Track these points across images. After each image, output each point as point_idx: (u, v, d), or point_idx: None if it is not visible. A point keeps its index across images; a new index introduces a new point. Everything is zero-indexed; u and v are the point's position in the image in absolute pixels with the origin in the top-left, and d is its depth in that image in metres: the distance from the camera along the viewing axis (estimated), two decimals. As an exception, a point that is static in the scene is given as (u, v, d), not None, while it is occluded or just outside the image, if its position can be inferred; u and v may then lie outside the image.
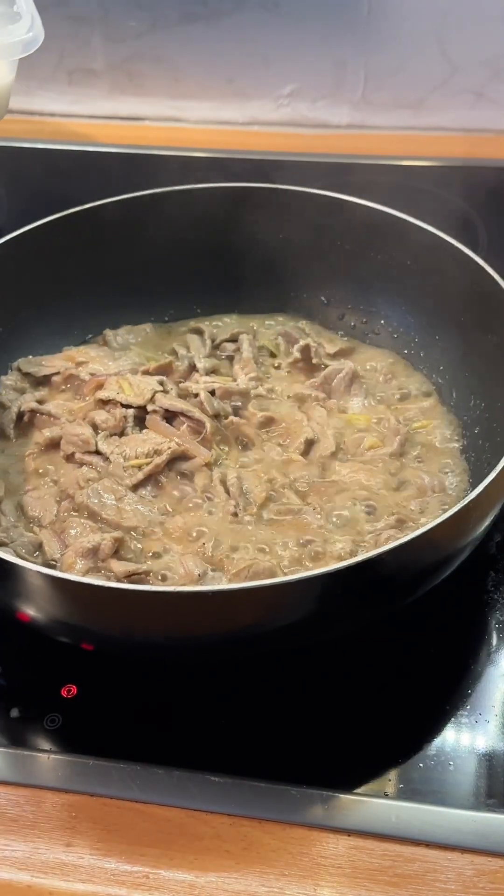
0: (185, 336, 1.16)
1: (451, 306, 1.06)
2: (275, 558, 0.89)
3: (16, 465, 1.02)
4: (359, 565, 0.72)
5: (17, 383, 1.09)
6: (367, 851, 0.75)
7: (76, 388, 1.08)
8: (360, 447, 1.00)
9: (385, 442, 1.01)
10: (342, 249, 1.15)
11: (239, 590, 0.72)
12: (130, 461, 0.98)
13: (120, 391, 1.04)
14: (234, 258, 1.18)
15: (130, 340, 1.16)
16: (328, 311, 1.19)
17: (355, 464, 0.99)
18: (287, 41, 1.54)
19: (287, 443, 1.01)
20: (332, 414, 1.05)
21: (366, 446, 1.00)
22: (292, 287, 1.19)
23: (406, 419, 1.04)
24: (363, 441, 1.01)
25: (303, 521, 0.93)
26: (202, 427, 1.00)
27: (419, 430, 1.03)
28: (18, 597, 0.78)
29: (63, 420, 1.03)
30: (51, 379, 1.09)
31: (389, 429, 1.02)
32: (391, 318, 1.15)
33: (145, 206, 1.14)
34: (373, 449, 1.00)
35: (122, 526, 0.92)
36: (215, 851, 0.75)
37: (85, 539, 0.89)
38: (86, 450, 0.99)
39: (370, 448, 1.00)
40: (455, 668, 0.88)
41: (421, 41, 1.50)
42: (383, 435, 1.02)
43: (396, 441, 1.00)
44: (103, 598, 0.72)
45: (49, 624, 0.81)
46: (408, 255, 1.10)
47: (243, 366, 1.10)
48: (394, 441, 1.00)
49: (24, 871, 0.75)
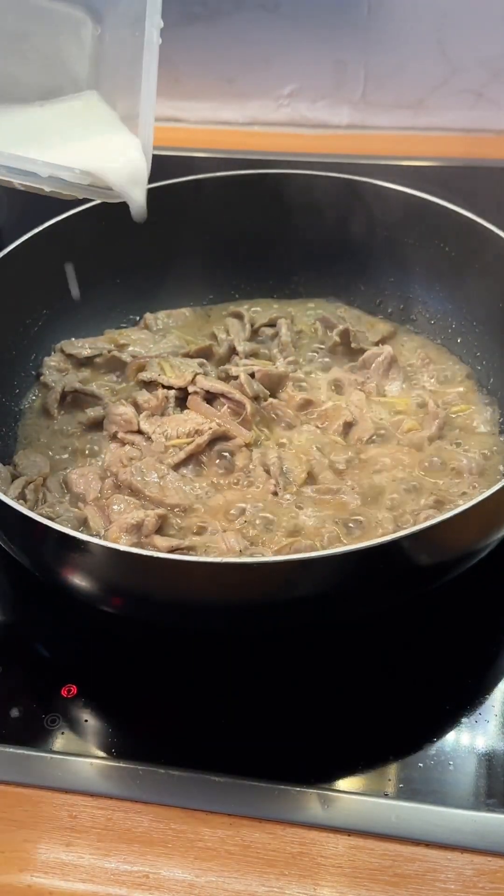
0: (225, 320, 1.19)
1: (489, 293, 1.08)
2: (315, 537, 0.91)
3: (60, 443, 1.05)
4: (397, 541, 0.73)
5: (60, 364, 1.12)
6: (367, 851, 0.75)
7: (118, 369, 1.12)
8: (400, 430, 1.02)
9: (423, 425, 1.03)
10: (379, 236, 1.17)
11: (282, 562, 0.74)
12: (172, 441, 1.00)
13: (161, 373, 1.07)
14: (271, 244, 1.21)
15: (170, 324, 1.19)
16: (366, 297, 1.21)
17: (394, 446, 1.01)
18: (287, 41, 1.53)
19: (325, 425, 1.04)
20: (370, 397, 1.07)
21: (405, 429, 1.02)
22: (330, 273, 1.21)
23: (445, 402, 1.06)
24: (402, 424, 1.03)
25: (342, 501, 0.95)
26: (242, 408, 1.02)
27: (458, 414, 1.05)
28: (67, 566, 0.81)
29: (106, 400, 1.07)
30: (93, 360, 1.13)
31: (428, 412, 1.03)
32: (428, 304, 1.17)
33: (185, 193, 1.16)
34: (412, 431, 1.02)
35: (165, 503, 0.94)
36: (215, 851, 0.75)
37: (129, 515, 0.91)
38: (128, 429, 1.02)
39: (409, 431, 1.02)
40: (455, 667, 0.88)
41: (421, 41, 1.50)
42: (422, 418, 1.04)
43: (435, 424, 1.02)
44: (154, 567, 0.75)
45: (98, 593, 0.84)
46: (445, 241, 1.12)
47: (282, 349, 1.13)
48: (432, 424, 1.02)
49: (24, 871, 0.75)
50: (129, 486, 0.96)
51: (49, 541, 0.78)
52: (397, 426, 1.03)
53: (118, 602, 0.85)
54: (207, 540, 0.91)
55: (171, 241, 1.19)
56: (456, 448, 1.01)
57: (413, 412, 1.05)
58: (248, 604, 0.78)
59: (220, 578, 0.74)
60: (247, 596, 0.77)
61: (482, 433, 1.03)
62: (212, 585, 0.75)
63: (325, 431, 1.03)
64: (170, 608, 0.81)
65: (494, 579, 0.93)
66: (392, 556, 0.75)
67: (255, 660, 0.87)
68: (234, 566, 0.74)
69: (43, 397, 1.09)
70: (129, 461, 0.99)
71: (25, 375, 1.12)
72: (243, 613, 0.79)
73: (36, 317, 1.13)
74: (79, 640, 0.91)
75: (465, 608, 0.92)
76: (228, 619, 0.81)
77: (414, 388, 1.09)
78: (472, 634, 0.91)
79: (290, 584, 0.75)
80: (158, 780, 0.79)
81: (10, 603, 0.97)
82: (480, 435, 1.03)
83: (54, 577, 0.86)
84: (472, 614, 0.92)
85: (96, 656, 0.89)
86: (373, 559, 0.74)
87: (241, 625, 0.83)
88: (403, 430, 1.02)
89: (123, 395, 1.07)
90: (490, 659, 0.89)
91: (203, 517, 0.94)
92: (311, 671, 0.87)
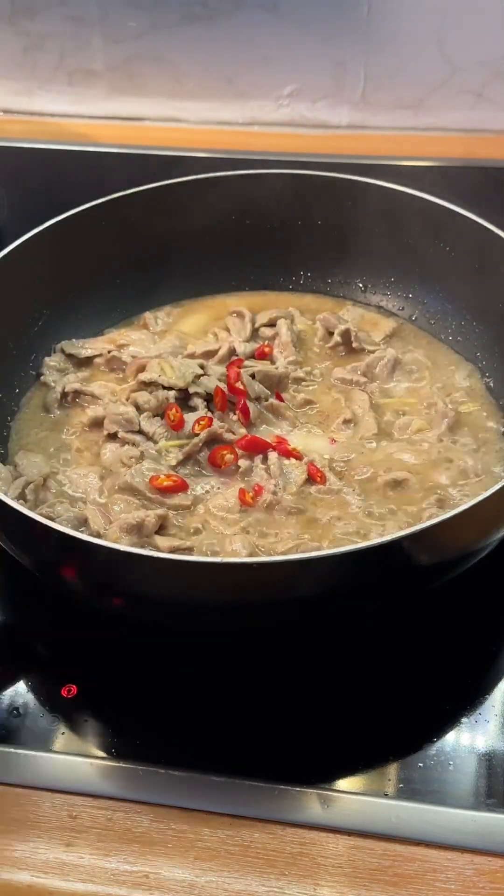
0: (226, 320, 1.19)
1: (489, 292, 1.08)
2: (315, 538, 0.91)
3: (60, 443, 1.05)
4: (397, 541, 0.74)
5: (60, 364, 1.13)
6: (366, 851, 0.75)
7: (118, 369, 1.12)
8: (409, 430, 1.03)
9: (433, 424, 1.03)
10: (379, 236, 1.17)
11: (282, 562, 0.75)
12: (171, 441, 1.01)
13: (162, 373, 1.06)
14: (271, 245, 1.21)
15: (170, 322, 1.19)
16: (366, 296, 1.21)
17: (400, 444, 1.01)
18: (287, 41, 1.53)
19: (326, 424, 1.04)
20: (376, 398, 1.07)
21: (413, 429, 1.03)
22: (330, 273, 1.22)
23: (453, 402, 1.06)
24: (411, 424, 1.03)
25: (343, 501, 0.95)
26: (243, 409, 1.02)
27: (466, 414, 1.05)
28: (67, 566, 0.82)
29: (106, 400, 1.07)
30: (93, 360, 1.13)
31: (437, 412, 1.03)
32: (428, 304, 1.17)
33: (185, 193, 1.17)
34: (420, 432, 1.02)
35: (165, 503, 0.94)
36: (215, 851, 0.75)
37: (129, 515, 0.91)
38: (129, 429, 1.02)
39: (418, 431, 1.02)
40: (455, 667, 0.88)
41: (421, 41, 1.50)
42: (431, 418, 1.04)
43: (444, 424, 1.02)
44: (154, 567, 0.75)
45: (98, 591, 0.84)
46: (445, 241, 1.12)
47: (282, 349, 1.13)
48: (441, 424, 1.02)
49: (24, 871, 0.75)
50: (130, 486, 0.96)
51: (49, 541, 0.78)
52: (406, 426, 1.03)
53: (118, 602, 0.85)
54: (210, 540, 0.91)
55: (171, 240, 1.19)
56: (464, 448, 1.01)
57: (422, 412, 1.05)
58: (248, 604, 0.78)
59: (220, 578, 0.74)
60: (247, 596, 0.77)
61: (489, 433, 1.03)
62: (212, 585, 0.75)
63: (325, 430, 1.03)
64: (170, 608, 0.81)
65: (494, 579, 0.93)
66: (392, 556, 0.75)
67: (255, 659, 0.87)
68: (234, 566, 0.74)
69: (43, 397, 1.09)
70: (129, 461, 0.99)
71: (25, 375, 1.12)
72: (243, 613, 0.79)
73: (36, 317, 1.13)
74: (79, 640, 0.91)
75: (466, 608, 0.92)
76: (228, 619, 0.81)
77: (419, 389, 1.09)
78: (472, 634, 0.91)
79: (290, 584, 0.75)
80: (158, 780, 0.79)
81: (10, 603, 0.97)
82: (487, 434, 1.03)
83: (54, 577, 0.86)
84: (472, 614, 0.92)
85: (96, 656, 0.89)
86: (373, 559, 0.74)
87: (242, 625, 0.83)
88: (413, 431, 1.02)
89: (123, 395, 1.07)
90: (490, 659, 0.89)
91: (203, 517, 0.94)
92: (310, 671, 0.87)
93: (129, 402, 1.05)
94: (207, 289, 1.23)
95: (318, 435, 1.03)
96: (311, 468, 0.97)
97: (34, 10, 1.56)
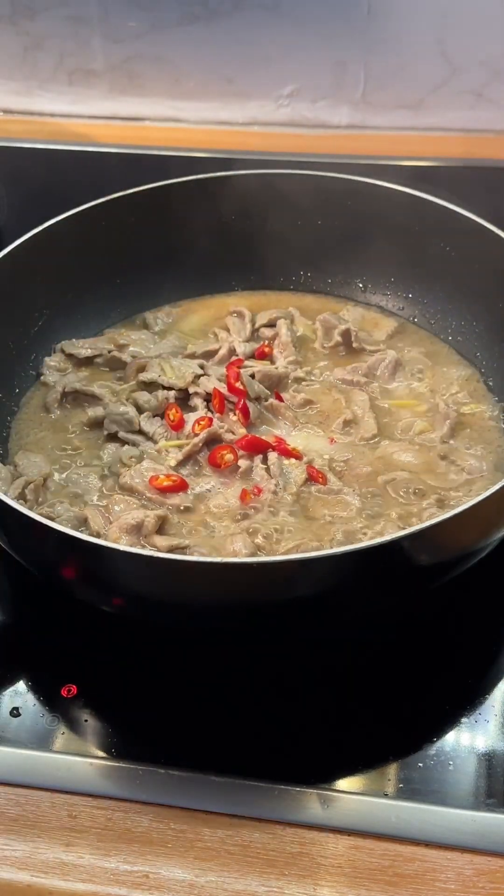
0: (226, 320, 1.19)
1: (489, 292, 1.08)
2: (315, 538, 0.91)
3: (60, 443, 1.05)
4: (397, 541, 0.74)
5: (60, 364, 1.13)
6: (366, 851, 0.75)
7: (118, 369, 1.12)
8: (412, 431, 1.03)
9: (435, 426, 1.03)
10: (379, 236, 1.17)
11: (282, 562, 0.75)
12: (171, 441, 1.01)
13: (162, 374, 1.07)
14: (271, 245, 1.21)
15: (170, 322, 1.20)
16: (366, 296, 1.21)
17: (401, 444, 1.01)
18: (287, 41, 1.53)
19: (326, 424, 1.04)
20: (378, 399, 1.07)
21: (416, 430, 1.03)
22: (330, 273, 1.22)
23: (455, 402, 1.06)
24: (414, 425, 1.03)
25: (343, 501, 0.95)
26: (242, 409, 1.02)
27: (468, 414, 1.05)
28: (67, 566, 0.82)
29: (106, 400, 1.07)
30: (93, 360, 1.13)
31: (439, 413, 1.04)
32: (428, 304, 1.17)
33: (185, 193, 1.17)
34: (423, 433, 1.02)
35: (165, 503, 0.94)
36: (215, 851, 0.75)
37: (129, 515, 0.91)
38: (129, 429, 1.03)
39: (421, 432, 1.02)
40: (455, 667, 0.88)
41: (421, 41, 1.50)
42: (433, 419, 1.04)
43: (446, 425, 1.02)
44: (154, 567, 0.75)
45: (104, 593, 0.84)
46: (445, 241, 1.12)
47: (282, 349, 1.13)
48: (444, 425, 1.02)
49: (24, 871, 0.75)
50: (129, 486, 0.96)
51: (49, 541, 0.78)
52: (409, 427, 1.03)
53: (118, 602, 0.85)
54: (211, 540, 0.91)
55: (171, 240, 1.19)
56: (465, 448, 1.01)
57: (424, 414, 1.05)
58: (248, 604, 0.78)
59: (220, 578, 0.74)
60: (247, 596, 0.77)
61: (491, 433, 1.03)
62: (212, 585, 0.75)
63: (325, 431, 1.04)
64: (170, 608, 0.81)
65: (494, 579, 0.93)
66: (392, 556, 0.75)
67: (255, 659, 0.87)
68: (233, 566, 0.74)
69: (43, 397, 1.09)
70: (129, 460, 0.99)
71: (25, 375, 1.12)
72: (243, 613, 0.79)
73: (36, 317, 1.13)
74: (79, 640, 0.91)
75: (465, 608, 0.92)
76: (228, 619, 0.81)
77: (420, 389, 1.09)
78: (472, 634, 0.91)
79: (290, 584, 0.75)
80: (158, 780, 0.79)
81: (10, 603, 0.97)
82: (489, 434, 1.03)
83: (54, 577, 0.86)
84: (472, 614, 0.92)
85: (96, 656, 0.89)
86: (373, 559, 0.74)
87: (241, 625, 0.83)
88: (416, 432, 1.02)
89: (123, 395, 1.08)
90: (490, 659, 0.89)
91: (203, 517, 0.94)
92: (310, 671, 0.87)
93: (129, 402, 1.05)
94: (207, 289, 1.23)
95: (318, 435, 1.03)
96: (310, 468, 0.97)
97: (34, 11, 1.56)
